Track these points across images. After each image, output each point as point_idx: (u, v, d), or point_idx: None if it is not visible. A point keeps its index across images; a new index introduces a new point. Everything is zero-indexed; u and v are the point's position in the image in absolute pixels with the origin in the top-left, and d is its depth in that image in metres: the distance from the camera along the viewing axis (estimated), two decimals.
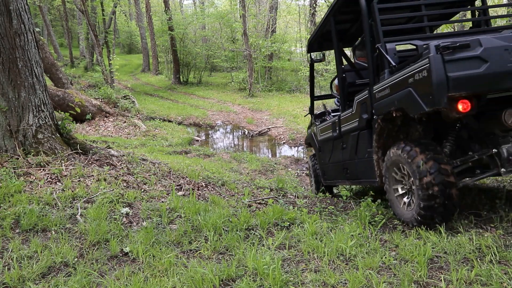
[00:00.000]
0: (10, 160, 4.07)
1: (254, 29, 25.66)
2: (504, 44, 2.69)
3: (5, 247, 2.89)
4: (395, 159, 3.34)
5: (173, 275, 2.58)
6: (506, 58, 2.66)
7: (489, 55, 2.66)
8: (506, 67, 2.65)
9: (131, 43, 42.88)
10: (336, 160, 4.83)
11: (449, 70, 2.67)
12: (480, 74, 2.66)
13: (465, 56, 2.68)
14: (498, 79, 2.68)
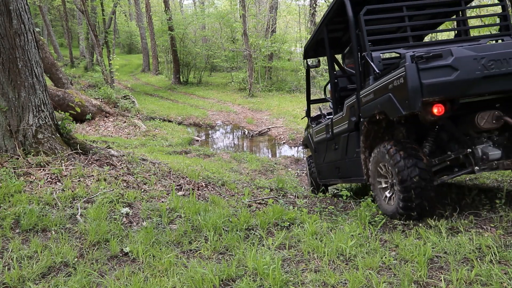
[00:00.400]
0: (10, 160, 4.07)
1: (254, 29, 25.66)
2: (473, 54, 2.95)
3: (5, 247, 2.89)
4: (379, 157, 3.62)
5: (173, 275, 2.58)
6: (475, 66, 2.92)
7: (459, 64, 2.92)
8: (474, 74, 2.91)
9: (131, 43, 42.87)
10: (329, 160, 5.11)
11: (423, 77, 2.93)
12: (451, 81, 2.92)
13: (438, 64, 2.93)
14: (467, 86, 2.93)
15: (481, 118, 3.20)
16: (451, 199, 4.15)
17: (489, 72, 2.94)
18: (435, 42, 4.12)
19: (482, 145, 3.33)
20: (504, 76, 2.95)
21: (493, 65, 2.95)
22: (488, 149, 3.30)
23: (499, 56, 2.96)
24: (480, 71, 2.93)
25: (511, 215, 3.34)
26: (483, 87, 2.96)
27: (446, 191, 4.59)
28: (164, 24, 24.44)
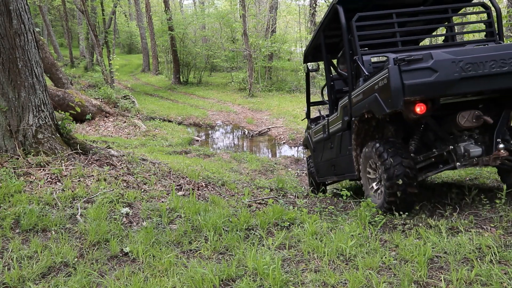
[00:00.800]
0: (10, 160, 4.07)
1: (254, 29, 25.65)
2: (451, 57, 3.18)
3: (5, 247, 2.89)
4: (368, 154, 3.90)
5: (173, 275, 2.58)
6: (453, 69, 3.15)
7: (438, 66, 3.15)
8: (452, 76, 3.15)
9: (131, 43, 42.86)
10: (326, 158, 5.37)
11: (405, 78, 3.16)
12: (430, 82, 3.15)
13: (419, 67, 3.17)
14: (446, 86, 3.17)
15: (462, 117, 3.45)
16: (451, 199, 4.15)
17: (466, 74, 3.16)
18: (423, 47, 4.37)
19: (464, 143, 3.57)
20: (480, 78, 3.18)
21: (470, 67, 3.17)
22: (470, 146, 3.54)
23: (475, 59, 3.19)
24: (458, 73, 3.15)
25: (511, 215, 3.34)
26: (461, 87, 3.19)
27: (446, 191, 4.59)
28: (164, 24, 24.44)
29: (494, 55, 3.21)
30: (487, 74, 3.19)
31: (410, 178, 3.48)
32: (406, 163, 3.50)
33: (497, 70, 3.19)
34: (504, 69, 3.18)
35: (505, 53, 3.22)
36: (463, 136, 3.62)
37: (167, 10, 23.83)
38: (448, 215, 3.66)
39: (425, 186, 5.19)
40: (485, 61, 3.19)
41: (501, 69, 3.19)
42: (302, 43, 27.92)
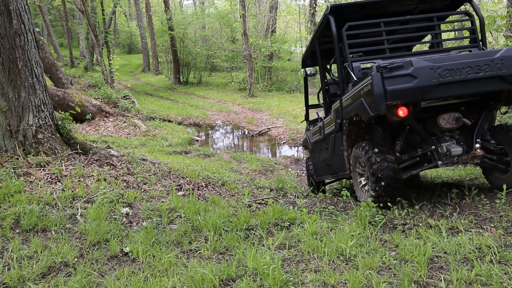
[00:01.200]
0: (10, 160, 4.07)
1: (254, 29, 25.66)
2: (430, 64, 3.42)
3: (5, 247, 2.89)
4: (357, 154, 4.15)
5: (173, 275, 2.58)
6: (431, 75, 3.40)
7: (418, 73, 3.40)
8: (431, 81, 3.39)
9: (131, 43, 42.87)
10: (322, 158, 5.63)
11: (387, 84, 3.41)
12: (410, 87, 3.40)
13: (400, 74, 3.42)
14: (425, 91, 3.41)
15: (443, 120, 3.72)
16: (451, 199, 4.15)
17: (444, 79, 3.41)
18: (410, 53, 4.61)
19: (446, 143, 3.83)
20: (457, 83, 3.43)
21: (448, 74, 3.42)
22: (451, 146, 3.79)
23: (452, 66, 3.43)
24: (436, 79, 3.40)
25: (511, 215, 3.34)
26: (439, 92, 3.44)
27: (446, 191, 4.59)
28: (164, 24, 24.44)
29: (470, 62, 3.45)
30: (464, 80, 3.43)
31: (394, 176, 3.73)
32: (390, 162, 3.74)
33: (473, 76, 3.43)
34: (479, 74, 3.43)
35: (480, 60, 3.47)
36: (445, 137, 3.87)
37: (167, 10, 23.83)
38: (448, 215, 3.66)
39: (425, 186, 5.19)
40: (461, 68, 3.44)
41: (477, 75, 3.43)
42: (302, 43, 27.92)
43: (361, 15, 4.64)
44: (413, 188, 5.06)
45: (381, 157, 3.76)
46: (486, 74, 3.44)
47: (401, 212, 3.74)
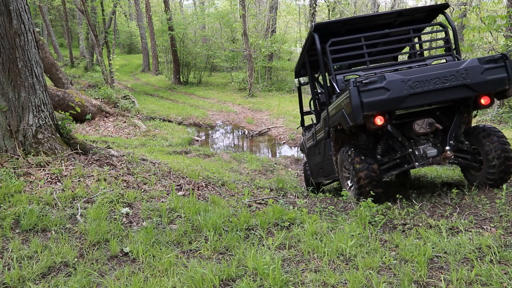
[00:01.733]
0: (10, 160, 4.07)
1: (254, 29, 25.67)
2: (401, 77, 3.82)
3: (5, 247, 2.89)
4: (342, 158, 4.55)
5: (173, 275, 2.58)
6: (402, 87, 3.79)
7: (390, 85, 3.79)
8: (402, 93, 3.79)
9: (131, 43, 42.88)
10: (316, 162, 6.03)
11: (363, 97, 3.78)
12: (384, 99, 3.79)
13: (374, 87, 3.79)
14: (398, 102, 3.81)
15: (417, 125, 4.14)
16: (451, 199, 4.15)
17: (414, 90, 3.80)
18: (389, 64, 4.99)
19: (422, 145, 4.24)
20: (426, 93, 3.83)
21: (418, 85, 3.81)
22: (427, 148, 4.18)
23: (422, 78, 3.83)
24: (407, 90, 3.79)
25: (511, 215, 3.34)
26: (410, 102, 3.83)
27: (446, 191, 4.59)
28: (164, 24, 24.44)
29: (437, 73, 3.85)
30: (432, 90, 3.82)
31: (374, 177, 4.12)
32: (371, 164, 4.14)
33: (440, 86, 3.83)
34: (446, 84, 3.83)
35: (447, 71, 3.86)
36: (420, 140, 4.28)
37: (167, 10, 23.83)
38: (448, 215, 3.66)
39: (425, 186, 5.19)
40: (430, 79, 3.83)
41: (444, 85, 3.83)
42: (302, 43, 27.91)
43: (344, 30, 4.99)
44: (413, 188, 5.07)
45: (362, 161, 4.15)
46: (452, 84, 3.84)
47: (401, 212, 3.74)
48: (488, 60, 3.94)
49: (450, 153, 4.11)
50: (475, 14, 13.06)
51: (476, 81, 3.87)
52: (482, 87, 3.90)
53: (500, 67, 3.93)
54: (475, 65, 3.90)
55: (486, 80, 3.89)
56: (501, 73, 3.91)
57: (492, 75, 3.90)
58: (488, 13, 9.30)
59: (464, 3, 14.31)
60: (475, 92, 3.92)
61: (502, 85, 3.93)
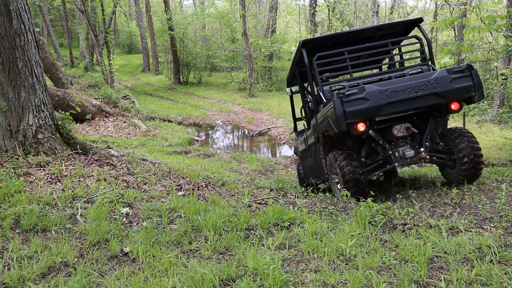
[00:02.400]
0: (10, 160, 4.07)
1: (254, 29, 25.66)
2: (379, 89, 4.32)
3: (5, 247, 2.89)
4: (330, 161, 4.99)
5: (173, 275, 2.58)
6: (380, 97, 4.29)
7: (369, 96, 4.29)
8: (380, 102, 4.29)
9: (131, 43, 42.87)
10: (308, 165, 6.50)
11: (346, 107, 4.26)
12: (365, 108, 4.28)
13: (355, 98, 4.29)
14: (376, 110, 4.31)
15: (396, 130, 4.64)
16: (451, 199, 4.15)
17: (390, 100, 4.30)
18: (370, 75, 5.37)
19: (401, 147, 4.69)
20: (401, 102, 4.32)
21: (393, 95, 4.30)
22: (406, 150, 4.63)
23: (397, 88, 4.33)
24: (384, 100, 4.29)
25: (511, 215, 3.34)
26: (387, 110, 4.34)
27: (446, 191, 4.59)
28: (164, 24, 24.44)
29: (411, 84, 4.35)
30: (407, 98, 4.31)
31: (358, 177, 4.52)
32: (355, 166, 4.56)
33: (414, 95, 4.32)
34: (419, 93, 4.32)
35: (419, 81, 4.35)
36: (399, 143, 4.73)
37: (167, 10, 23.82)
38: (448, 215, 3.66)
39: (425, 186, 5.19)
40: (404, 89, 4.33)
41: (417, 94, 4.31)
42: None
43: (330, 44, 5.51)
44: (414, 188, 5.07)
45: (347, 163, 4.59)
46: (424, 92, 4.32)
47: (401, 212, 3.74)
48: (456, 70, 4.41)
49: (425, 154, 4.55)
50: (475, 14, 13.06)
51: (445, 90, 4.34)
52: (451, 95, 4.38)
53: (466, 77, 4.40)
54: (444, 75, 4.38)
55: (454, 88, 4.36)
56: (467, 82, 4.38)
57: (459, 83, 4.37)
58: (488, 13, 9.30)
59: (464, 3, 14.30)
60: (445, 99, 4.41)
61: (469, 92, 4.40)
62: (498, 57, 11.69)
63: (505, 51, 8.34)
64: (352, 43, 5.43)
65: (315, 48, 5.37)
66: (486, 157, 9.53)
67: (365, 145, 4.98)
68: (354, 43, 5.45)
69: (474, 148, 4.48)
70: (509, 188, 4.33)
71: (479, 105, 7.62)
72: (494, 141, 10.87)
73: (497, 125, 12.17)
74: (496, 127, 12.07)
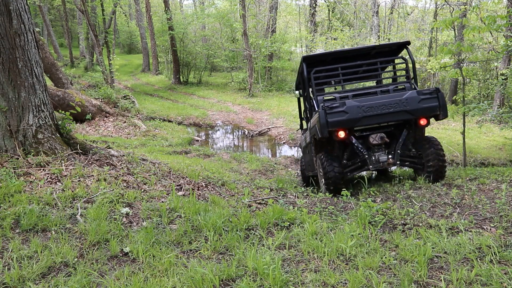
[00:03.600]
0: (10, 160, 4.07)
1: (254, 29, 25.64)
2: (357, 104, 5.12)
3: (5, 247, 2.89)
4: (318, 160, 5.75)
5: (173, 275, 2.58)
6: (358, 111, 5.10)
7: (348, 110, 5.10)
8: (357, 115, 5.10)
9: (131, 43, 42.85)
10: (307, 160, 7.19)
11: (329, 117, 5.09)
12: (344, 119, 5.10)
13: (337, 110, 5.10)
14: (354, 121, 5.14)
15: (372, 138, 5.35)
16: (451, 199, 4.15)
17: (366, 114, 5.09)
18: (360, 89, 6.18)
19: (377, 153, 5.40)
20: (375, 116, 5.12)
21: (369, 109, 5.09)
22: (380, 155, 5.37)
23: (372, 105, 5.11)
24: (361, 114, 5.08)
25: (511, 215, 3.34)
26: (363, 122, 5.15)
27: (446, 191, 4.59)
28: (164, 24, 24.42)
29: (384, 101, 5.12)
30: (379, 113, 5.10)
31: (337, 176, 5.30)
32: (336, 167, 5.32)
33: (386, 111, 5.10)
34: (391, 110, 5.10)
35: (392, 100, 5.13)
36: (374, 149, 5.44)
37: (167, 10, 23.81)
38: (448, 215, 3.66)
39: (425, 186, 5.19)
40: (379, 106, 5.09)
41: (389, 110, 5.10)
42: (302, 43, 27.94)
43: (329, 59, 6.32)
44: (414, 188, 5.07)
45: (329, 164, 5.34)
46: (396, 109, 5.10)
47: (401, 212, 3.74)
48: (425, 92, 5.16)
49: (392, 160, 5.34)
50: (475, 14, 13.05)
51: (414, 108, 5.10)
52: (418, 112, 5.13)
53: (434, 98, 5.14)
54: (414, 96, 5.14)
55: (422, 107, 5.11)
56: (434, 103, 5.13)
57: (426, 103, 5.12)
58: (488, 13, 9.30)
59: (464, 3, 14.31)
60: (414, 116, 5.15)
61: (434, 111, 5.15)
62: (498, 57, 11.70)
63: (505, 51, 8.33)
64: (348, 59, 6.26)
65: (315, 62, 6.28)
66: (486, 157, 9.54)
67: (348, 149, 5.73)
68: (350, 59, 6.27)
69: (438, 154, 5.27)
70: (509, 188, 4.33)
71: (479, 105, 7.63)
72: (494, 141, 10.88)
73: (497, 125, 12.18)
74: (496, 127, 12.08)
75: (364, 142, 5.49)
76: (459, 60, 9.59)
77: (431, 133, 11.57)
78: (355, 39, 20.41)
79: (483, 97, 15.07)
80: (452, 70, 7.77)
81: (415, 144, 5.61)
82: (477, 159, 9.46)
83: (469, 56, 13.41)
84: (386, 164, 5.33)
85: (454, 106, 13.78)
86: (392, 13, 23.40)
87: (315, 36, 24.28)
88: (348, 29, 20.99)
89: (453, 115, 8.63)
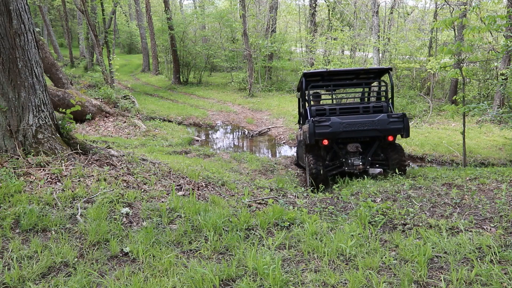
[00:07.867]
0: (10, 160, 4.07)
1: (254, 29, 25.63)
2: (340, 121, 6.39)
3: (5, 247, 2.89)
4: (306, 158, 6.86)
5: (173, 275, 2.58)
6: (340, 126, 6.37)
7: (332, 124, 6.37)
8: (339, 129, 6.38)
9: (131, 43, 42.83)
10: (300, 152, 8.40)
11: (316, 129, 6.37)
12: (328, 131, 6.39)
13: (323, 124, 6.37)
14: (336, 134, 6.42)
15: (349, 146, 6.71)
16: (451, 199, 4.15)
17: (345, 129, 6.38)
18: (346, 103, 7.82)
19: (353, 158, 6.72)
20: (353, 131, 6.41)
21: (348, 126, 6.38)
22: (355, 160, 6.68)
23: (351, 122, 6.38)
24: (342, 128, 6.37)
25: (511, 215, 3.34)
26: (343, 135, 6.44)
27: (446, 191, 4.59)
28: (164, 24, 24.41)
29: (360, 121, 6.41)
30: (356, 130, 6.40)
31: (320, 173, 6.49)
32: (319, 165, 6.54)
33: (361, 128, 6.40)
34: (365, 128, 6.40)
35: (365, 120, 6.41)
36: (351, 154, 6.75)
37: (167, 10, 23.80)
38: (448, 215, 3.66)
39: (425, 186, 5.19)
40: (356, 124, 6.39)
41: (363, 128, 6.40)
42: (302, 43, 27.94)
43: (324, 75, 7.72)
44: (414, 188, 5.07)
45: (314, 163, 6.56)
46: (369, 127, 6.40)
47: (401, 212, 3.74)
48: (393, 116, 6.46)
49: (362, 166, 6.64)
50: (475, 14, 13.06)
51: (383, 128, 6.42)
52: (386, 132, 6.49)
53: (400, 121, 6.44)
54: (384, 118, 6.44)
55: (389, 128, 6.45)
56: (399, 125, 6.44)
57: (394, 125, 6.44)
58: (488, 13, 9.30)
59: (464, 3, 14.30)
60: (382, 134, 6.50)
61: (399, 132, 6.50)
62: (498, 57, 11.69)
63: (505, 51, 8.33)
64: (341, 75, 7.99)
65: (312, 78, 7.81)
66: (486, 157, 9.54)
67: (330, 152, 7.03)
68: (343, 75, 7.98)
69: (400, 155, 6.71)
70: (509, 188, 4.33)
71: (479, 105, 7.62)
72: (494, 141, 10.87)
73: (497, 125, 12.17)
74: (496, 127, 12.07)
75: (343, 148, 6.84)
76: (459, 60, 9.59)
77: (432, 133, 11.58)
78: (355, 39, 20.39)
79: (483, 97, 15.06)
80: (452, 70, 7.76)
81: (384, 150, 6.92)
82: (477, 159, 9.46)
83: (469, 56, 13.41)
84: (358, 167, 6.63)
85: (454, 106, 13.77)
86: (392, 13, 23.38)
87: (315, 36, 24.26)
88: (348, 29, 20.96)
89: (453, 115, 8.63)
